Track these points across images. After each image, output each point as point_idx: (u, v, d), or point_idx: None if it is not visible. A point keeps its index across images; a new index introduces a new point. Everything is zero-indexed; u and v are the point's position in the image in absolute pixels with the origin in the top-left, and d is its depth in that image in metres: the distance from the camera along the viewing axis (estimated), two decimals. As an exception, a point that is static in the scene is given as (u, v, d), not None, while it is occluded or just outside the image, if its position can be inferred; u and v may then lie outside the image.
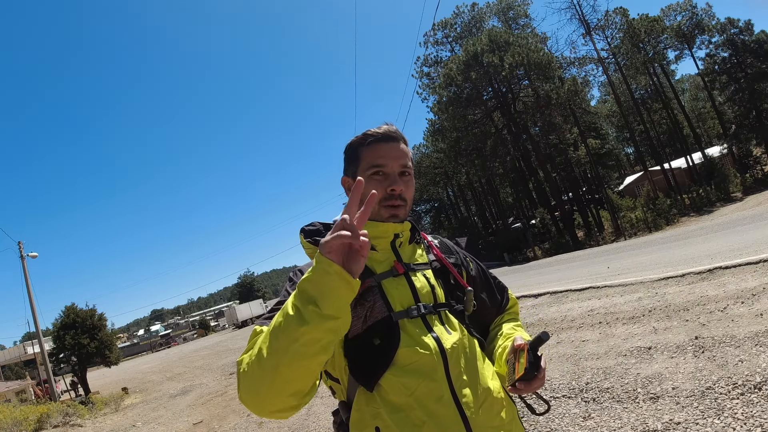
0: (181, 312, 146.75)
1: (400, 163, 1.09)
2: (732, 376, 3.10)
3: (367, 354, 0.99)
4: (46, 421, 11.45)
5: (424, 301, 1.04)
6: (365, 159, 1.10)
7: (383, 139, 1.10)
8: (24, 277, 17.55)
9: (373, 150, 1.09)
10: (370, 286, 1.03)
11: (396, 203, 1.08)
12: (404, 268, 1.07)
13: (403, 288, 1.05)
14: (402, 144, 1.12)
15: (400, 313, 1.01)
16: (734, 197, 25.44)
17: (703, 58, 31.52)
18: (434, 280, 1.10)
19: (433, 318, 1.04)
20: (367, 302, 1.02)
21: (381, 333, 0.99)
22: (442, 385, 0.96)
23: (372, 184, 1.07)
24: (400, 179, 1.09)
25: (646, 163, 32.64)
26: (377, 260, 1.08)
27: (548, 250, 27.02)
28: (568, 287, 7.53)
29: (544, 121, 29.94)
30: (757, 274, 4.88)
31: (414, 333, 1.00)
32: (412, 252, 1.14)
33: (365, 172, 1.09)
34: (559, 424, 3.39)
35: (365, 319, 1.00)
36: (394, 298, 1.03)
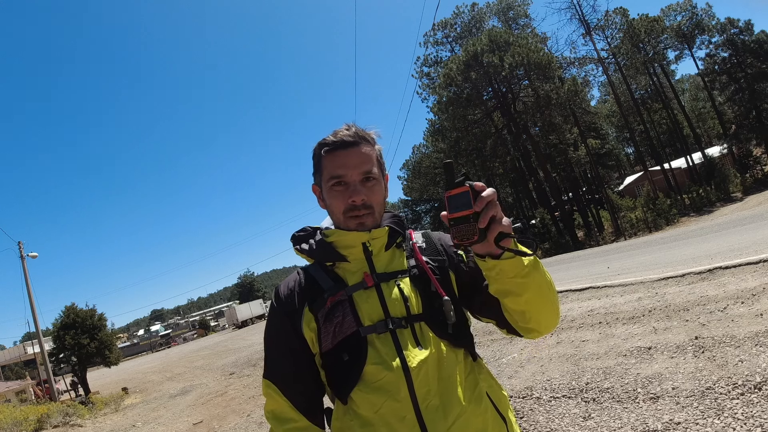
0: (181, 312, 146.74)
1: (360, 171, 1.03)
2: (732, 376, 3.10)
3: (338, 369, 0.99)
4: (46, 421, 11.45)
5: (395, 314, 0.99)
6: (326, 168, 1.06)
7: (341, 146, 1.04)
8: (24, 277, 17.57)
9: (332, 159, 1.05)
10: (340, 300, 1.01)
11: (359, 213, 1.04)
12: (374, 279, 1.02)
13: (372, 301, 1.00)
14: (363, 147, 1.06)
15: (368, 327, 0.98)
16: (734, 197, 25.44)
17: (703, 58, 31.55)
18: (410, 290, 1.02)
19: (404, 333, 0.98)
20: (336, 317, 1.00)
21: (349, 349, 0.98)
22: (405, 405, 0.93)
23: (333, 195, 1.05)
24: (363, 186, 1.04)
25: (646, 163, 32.64)
26: (350, 271, 1.05)
27: (548, 250, 27.01)
28: (568, 287, 7.53)
29: (544, 121, 29.94)
30: (757, 274, 4.88)
31: (381, 349, 0.96)
32: (390, 259, 1.07)
33: (327, 183, 1.06)
34: (559, 424, 3.39)
35: (334, 335, 0.99)
36: (363, 311, 0.99)
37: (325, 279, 1.06)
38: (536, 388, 4.14)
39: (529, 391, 4.13)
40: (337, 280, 1.05)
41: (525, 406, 3.88)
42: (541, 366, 4.65)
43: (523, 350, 5.38)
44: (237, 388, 10.48)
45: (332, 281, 1.04)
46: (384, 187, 1.12)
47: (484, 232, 0.83)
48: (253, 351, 18.02)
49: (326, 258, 1.08)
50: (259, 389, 9.34)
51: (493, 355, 5.62)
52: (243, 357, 16.66)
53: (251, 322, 54.04)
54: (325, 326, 1.01)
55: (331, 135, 1.07)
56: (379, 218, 1.09)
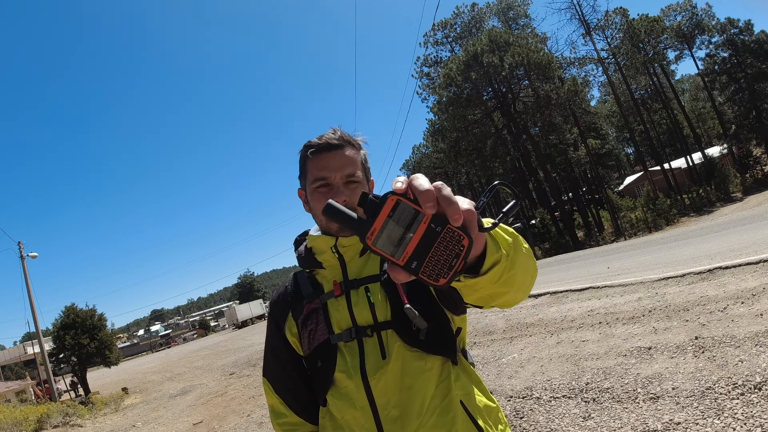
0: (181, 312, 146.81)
1: (344, 173, 1.03)
2: (732, 376, 3.10)
3: (315, 374, 1.04)
4: (46, 422, 11.45)
5: (361, 322, 0.98)
6: (310, 171, 1.06)
7: (325, 148, 1.04)
8: (24, 277, 17.57)
9: (316, 162, 1.05)
10: (315, 307, 1.04)
11: None
12: (342, 287, 1.02)
13: (342, 309, 1.01)
14: (347, 150, 1.05)
15: (337, 335, 1.00)
16: (734, 197, 25.45)
17: (703, 58, 31.57)
18: (379, 296, 1.00)
19: (368, 341, 0.97)
20: (310, 324, 1.03)
21: (322, 355, 1.01)
22: (365, 414, 0.94)
23: (316, 197, 1.04)
24: (346, 188, 1.03)
25: (646, 163, 32.66)
26: (326, 278, 1.06)
27: (548, 250, 27.02)
28: (568, 287, 7.53)
29: (544, 121, 29.94)
30: (757, 274, 4.88)
31: (347, 357, 0.98)
32: (364, 264, 1.05)
33: (311, 185, 1.05)
34: (559, 424, 3.39)
35: (309, 341, 1.03)
36: (334, 319, 1.01)
37: (306, 285, 1.08)
38: (536, 388, 4.14)
39: (529, 391, 4.13)
40: (317, 287, 1.07)
41: (525, 406, 3.88)
42: (541, 366, 4.65)
43: (523, 350, 5.39)
44: (237, 388, 10.48)
45: (312, 288, 1.07)
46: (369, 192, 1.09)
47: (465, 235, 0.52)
48: (253, 351, 18.01)
49: (306, 265, 1.10)
50: (259, 389, 9.35)
51: (493, 355, 5.62)
52: (243, 357, 16.66)
53: (251, 322, 54.04)
54: (302, 332, 1.05)
55: (317, 138, 1.07)
56: None
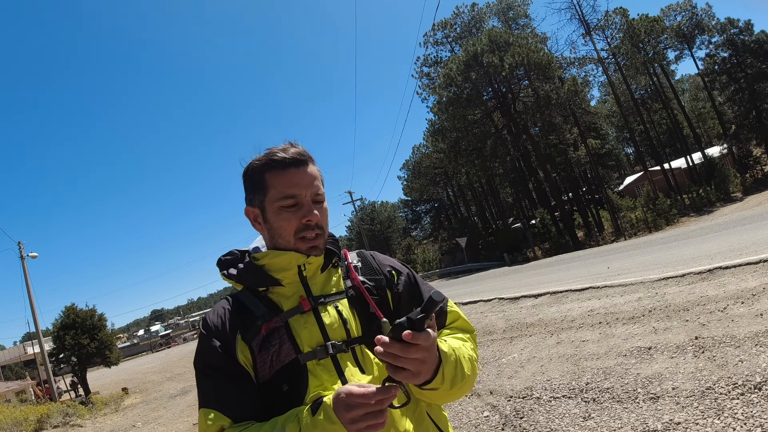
0: (181, 312, 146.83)
1: (313, 191, 1.00)
2: (732, 376, 3.10)
3: (277, 401, 0.93)
4: (46, 422, 11.45)
5: (334, 338, 0.95)
6: (275, 187, 0.99)
7: (293, 163, 0.99)
8: (24, 277, 17.58)
9: (282, 177, 0.99)
10: (276, 326, 0.96)
11: (312, 234, 0.99)
12: (311, 303, 0.98)
13: (311, 325, 0.96)
14: (311, 166, 1.03)
15: (308, 354, 0.94)
16: (734, 197, 25.46)
17: (703, 58, 31.59)
18: (348, 312, 0.99)
19: (344, 357, 0.95)
20: (273, 345, 0.95)
21: (288, 378, 0.94)
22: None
23: (284, 215, 0.99)
24: (315, 207, 1.00)
25: (646, 163, 32.68)
26: (284, 295, 1.00)
27: (548, 250, 27.03)
28: (568, 287, 7.53)
29: (544, 121, 29.96)
30: (757, 274, 4.87)
31: (322, 376, 0.93)
32: (326, 280, 1.03)
33: (275, 202, 0.99)
34: (559, 424, 3.39)
35: (272, 364, 0.94)
36: (301, 337, 0.95)
37: (257, 305, 0.99)
38: (536, 388, 4.14)
39: (529, 391, 4.13)
40: (271, 306, 0.99)
41: (525, 406, 3.88)
42: (541, 366, 4.65)
43: (523, 350, 5.39)
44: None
45: (265, 307, 0.99)
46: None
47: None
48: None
49: (258, 283, 1.02)
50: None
51: (493, 355, 5.62)
52: (243, 357, 16.59)
53: (251, 322, 53.90)
54: (261, 355, 0.95)
55: (279, 151, 1.00)
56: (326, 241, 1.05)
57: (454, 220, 48.62)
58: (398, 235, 53.97)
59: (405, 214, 55.71)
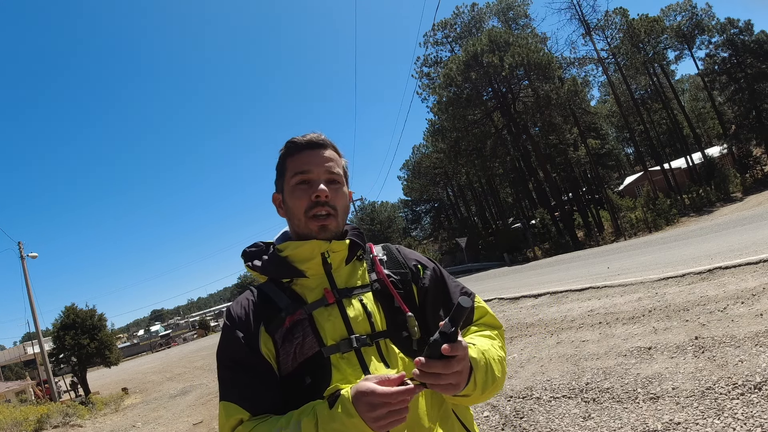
0: (181, 312, 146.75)
1: (326, 169, 1.01)
2: (732, 376, 3.10)
3: (299, 394, 0.92)
4: (46, 422, 11.44)
5: (359, 332, 0.95)
6: (289, 169, 1.03)
7: (307, 146, 1.03)
8: (24, 277, 17.58)
9: (298, 157, 1.02)
10: (300, 318, 0.95)
11: (323, 211, 0.99)
12: (335, 295, 0.97)
13: (335, 318, 0.96)
14: (330, 150, 1.04)
15: (331, 347, 0.93)
16: (734, 197, 25.46)
17: (703, 58, 31.59)
18: (373, 305, 0.98)
19: (369, 351, 0.94)
20: (296, 338, 0.94)
21: (312, 371, 0.93)
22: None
23: (297, 194, 1.01)
24: (327, 186, 1.00)
25: (646, 163, 32.67)
26: (308, 287, 1.00)
27: (548, 250, 27.03)
28: (568, 287, 7.53)
29: (544, 121, 29.96)
30: (757, 274, 4.87)
31: (346, 370, 0.92)
32: (351, 273, 1.03)
33: (290, 182, 1.02)
34: (559, 425, 3.39)
35: (295, 356, 0.93)
36: (325, 330, 0.94)
37: (281, 297, 0.99)
38: (536, 388, 4.14)
39: (529, 391, 4.13)
40: (295, 298, 0.99)
41: (525, 406, 3.88)
42: (541, 366, 4.65)
43: (523, 350, 5.39)
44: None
45: (289, 299, 0.98)
46: (348, 198, 1.08)
47: None
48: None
49: (282, 274, 1.01)
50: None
51: (493, 355, 5.62)
52: (243, 357, 16.60)
53: (251, 322, 53.89)
54: (284, 348, 0.94)
55: (298, 137, 1.04)
56: (342, 225, 1.05)
57: (454, 220, 48.64)
58: (398, 235, 53.93)
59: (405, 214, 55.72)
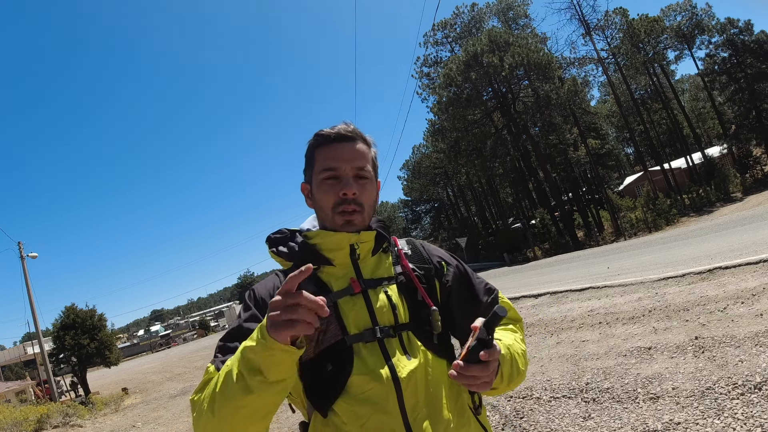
0: (181, 312, 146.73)
1: (354, 165, 1.01)
2: (732, 376, 3.10)
3: (320, 380, 0.93)
4: (46, 422, 11.44)
5: (382, 323, 0.96)
6: (318, 162, 1.03)
7: (336, 139, 1.02)
8: (24, 277, 17.56)
9: (326, 151, 1.02)
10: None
11: (350, 209, 1.00)
12: (362, 285, 0.98)
13: (359, 308, 0.96)
14: (359, 144, 1.03)
15: (354, 336, 0.94)
16: (734, 197, 25.46)
17: (703, 58, 31.58)
18: (397, 297, 0.99)
19: (392, 341, 0.95)
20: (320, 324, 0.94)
21: (334, 358, 0.93)
22: (394, 418, 0.90)
23: (324, 188, 1.01)
24: (355, 183, 1.00)
25: (646, 163, 32.67)
26: (335, 276, 1.00)
27: (548, 250, 27.03)
28: (568, 287, 7.53)
29: (544, 122, 29.96)
30: (757, 274, 4.87)
31: (368, 359, 0.92)
32: (377, 264, 1.04)
33: (318, 176, 1.02)
34: (559, 425, 3.39)
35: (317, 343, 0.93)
36: (349, 319, 0.95)
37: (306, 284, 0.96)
38: (536, 388, 4.14)
39: (529, 391, 4.13)
40: (320, 285, 0.99)
41: (525, 406, 3.88)
42: (541, 366, 4.65)
43: (523, 350, 5.38)
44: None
45: (314, 286, 0.98)
46: (376, 191, 1.08)
47: None
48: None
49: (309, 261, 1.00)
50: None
51: (493, 355, 5.62)
52: (243, 357, 16.57)
53: (251, 322, 53.94)
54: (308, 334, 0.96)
55: (328, 128, 1.04)
56: (368, 220, 1.05)
57: (454, 220, 48.63)
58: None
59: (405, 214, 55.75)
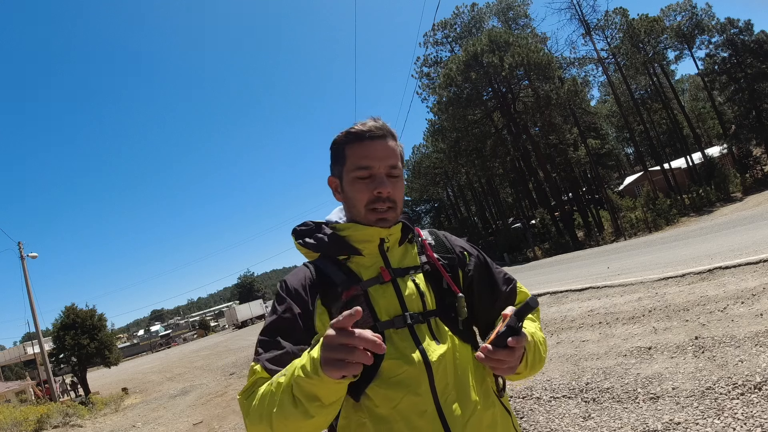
0: (181, 312, 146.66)
1: (387, 164, 1.04)
2: (732, 376, 3.10)
3: None
4: (46, 422, 11.44)
5: (412, 309, 1.00)
6: (350, 158, 1.04)
7: (369, 136, 1.03)
8: (24, 277, 17.56)
9: (358, 149, 1.04)
10: (356, 294, 1.00)
11: (384, 206, 1.03)
12: (391, 274, 1.02)
13: (389, 296, 1.00)
14: (390, 141, 1.06)
15: (385, 323, 0.98)
16: (734, 197, 25.44)
17: (702, 58, 31.53)
18: (424, 286, 1.04)
19: (421, 327, 0.99)
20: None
21: None
22: (426, 399, 0.94)
23: (357, 186, 1.04)
24: (388, 180, 1.03)
25: (646, 163, 32.66)
26: (364, 266, 1.05)
27: (548, 250, 27.01)
28: (568, 287, 7.53)
29: (544, 122, 29.96)
30: (757, 274, 4.87)
31: (400, 344, 0.96)
32: (403, 254, 1.08)
33: (350, 173, 1.04)
34: (559, 425, 3.39)
35: None
36: (380, 306, 0.99)
37: (336, 272, 1.04)
38: (536, 388, 4.14)
39: (529, 391, 4.13)
40: (350, 275, 1.03)
41: (525, 406, 3.88)
42: (541, 366, 4.64)
43: (523, 350, 5.38)
44: (237, 388, 10.48)
45: (344, 275, 1.03)
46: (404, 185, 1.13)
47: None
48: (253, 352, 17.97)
49: (339, 251, 1.06)
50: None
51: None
52: (243, 357, 16.66)
53: (251, 322, 54.03)
54: None
55: (359, 125, 1.05)
56: (399, 215, 1.09)
57: (454, 220, 48.58)
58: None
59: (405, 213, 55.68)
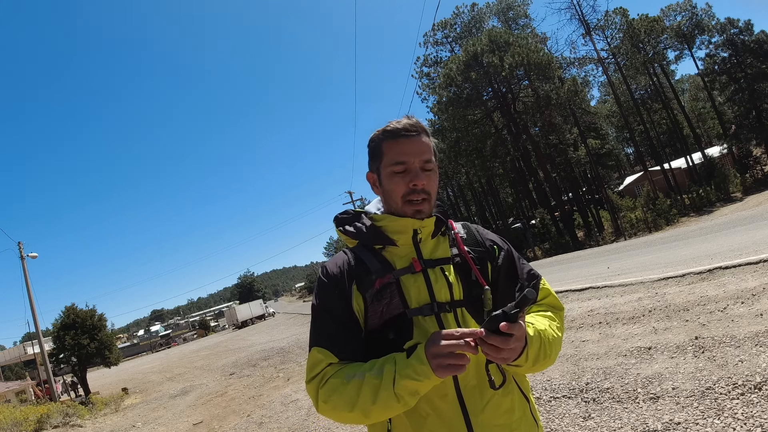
0: (181, 312, 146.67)
1: (422, 158, 1.10)
2: (732, 376, 3.10)
3: (382, 347, 1.04)
4: (46, 422, 11.43)
5: (440, 299, 1.06)
6: (387, 154, 1.12)
7: (404, 134, 1.11)
8: (24, 277, 17.55)
9: (395, 145, 1.11)
10: (388, 282, 1.07)
11: (419, 198, 1.09)
12: (422, 264, 1.09)
13: (420, 285, 1.07)
14: (423, 137, 1.13)
15: (414, 310, 1.05)
16: (734, 197, 25.42)
17: (702, 58, 31.52)
18: (453, 277, 1.10)
19: (447, 316, 1.05)
20: (384, 298, 1.06)
21: (395, 328, 1.04)
22: (447, 384, 1.01)
23: (395, 180, 1.10)
24: (422, 174, 1.10)
25: (646, 163, 32.67)
26: (398, 255, 1.11)
27: (548, 250, 27.00)
28: (568, 287, 7.53)
29: (544, 122, 29.94)
30: (757, 274, 4.87)
31: (426, 331, 1.03)
32: (435, 246, 1.14)
33: (387, 168, 1.11)
34: (559, 425, 3.39)
35: (382, 315, 1.05)
36: (410, 294, 1.06)
37: (372, 260, 1.11)
38: (536, 388, 4.14)
39: (529, 391, 4.12)
40: (385, 263, 1.10)
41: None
42: (541, 366, 4.64)
43: (523, 350, 5.38)
44: (237, 388, 10.48)
45: (379, 263, 1.10)
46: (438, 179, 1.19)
47: None
48: (253, 351, 18.01)
49: (375, 241, 1.13)
50: (259, 389, 9.34)
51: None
52: (243, 357, 16.67)
53: (251, 322, 54.04)
54: (372, 306, 1.06)
55: (395, 122, 1.13)
56: (433, 207, 1.15)
57: (454, 220, 48.53)
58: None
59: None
